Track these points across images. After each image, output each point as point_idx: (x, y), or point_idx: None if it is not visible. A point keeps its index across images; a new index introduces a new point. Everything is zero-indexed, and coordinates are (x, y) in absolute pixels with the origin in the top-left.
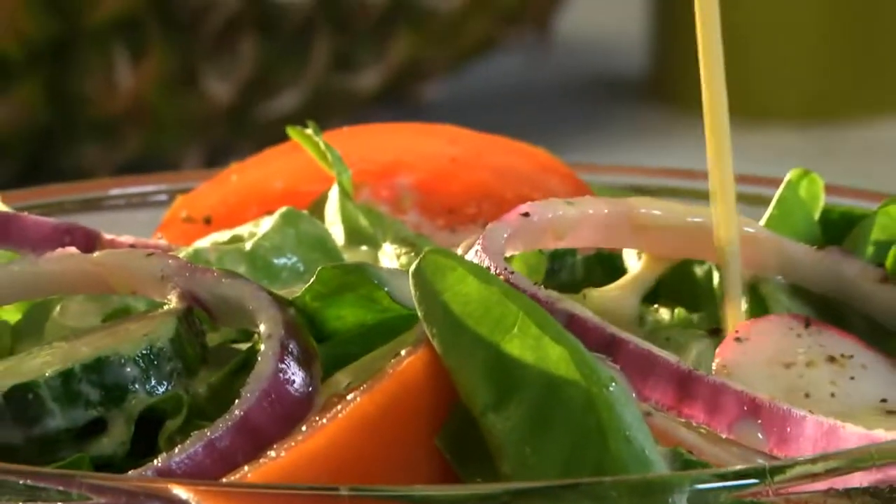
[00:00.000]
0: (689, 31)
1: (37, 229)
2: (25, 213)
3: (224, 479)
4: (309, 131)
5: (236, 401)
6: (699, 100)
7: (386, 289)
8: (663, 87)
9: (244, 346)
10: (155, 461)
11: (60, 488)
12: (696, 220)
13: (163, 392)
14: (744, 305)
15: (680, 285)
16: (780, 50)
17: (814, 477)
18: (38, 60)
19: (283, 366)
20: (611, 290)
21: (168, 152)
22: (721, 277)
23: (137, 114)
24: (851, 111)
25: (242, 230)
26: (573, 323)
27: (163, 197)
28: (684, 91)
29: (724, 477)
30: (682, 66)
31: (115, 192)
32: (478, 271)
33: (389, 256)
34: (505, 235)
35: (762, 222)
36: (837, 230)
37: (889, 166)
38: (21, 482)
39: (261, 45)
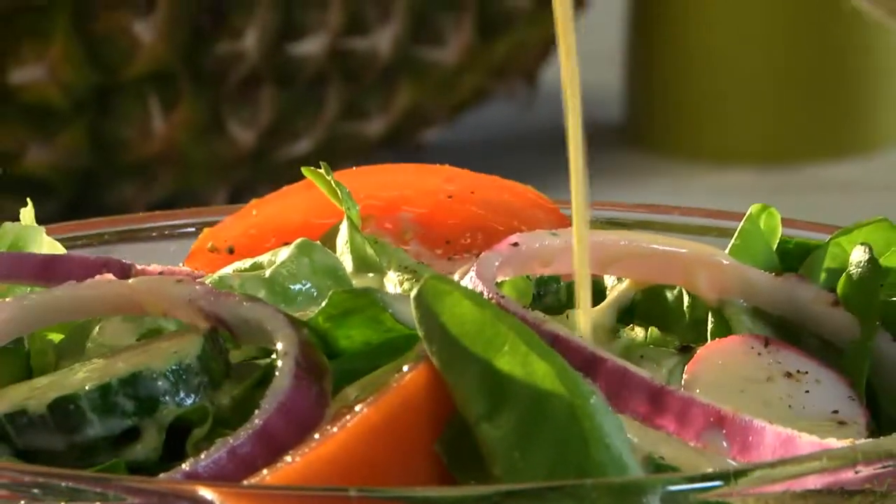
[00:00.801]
0: (659, 84)
1: (78, 265)
2: (68, 253)
3: (245, 482)
4: (322, 171)
5: (256, 411)
6: (669, 145)
7: (390, 311)
8: (637, 133)
9: (263, 363)
10: (183, 465)
11: (98, 490)
12: (665, 249)
13: (190, 403)
14: (710, 326)
15: (652, 308)
16: (741, 102)
17: (773, 480)
18: (80, 109)
19: (298, 380)
20: (590, 313)
21: (196, 190)
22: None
23: (169, 156)
24: (803, 154)
25: (262, 259)
26: (558, 342)
27: (191, 229)
28: (655, 137)
29: (692, 480)
30: (654, 115)
31: (148, 225)
32: (472, 295)
33: (393, 282)
34: (496, 263)
35: (727, 251)
36: (793, 259)
37: (837, 202)
38: (63, 484)
39: (279, 95)
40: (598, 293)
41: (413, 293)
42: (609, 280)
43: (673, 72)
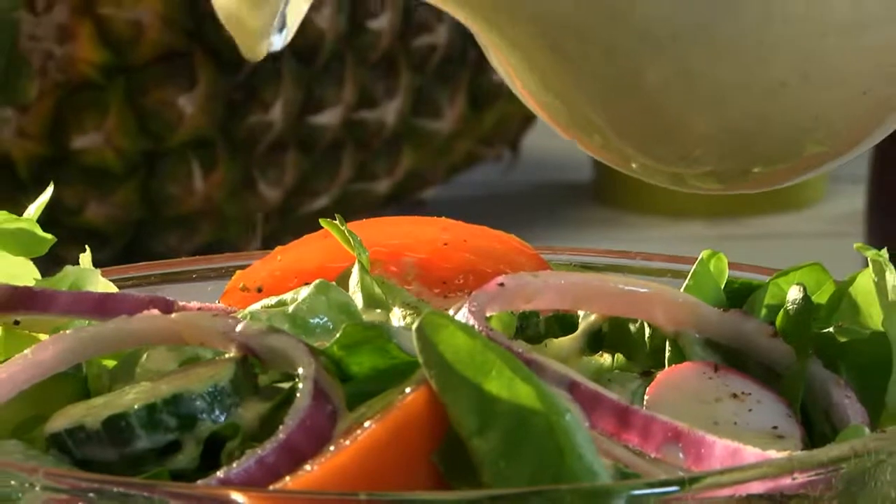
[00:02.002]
0: None
1: (128, 302)
2: (120, 292)
3: (270, 487)
4: (337, 222)
5: (280, 427)
6: (631, 202)
7: (395, 341)
8: (604, 192)
9: (286, 385)
10: (218, 473)
11: (145, 494)
12: (629, 288)
13: (224, 420)
14: (667, 354)
15: (618, 338)
16: None
17: (722, 486)
18: (132, 170)
19: (316, 400)
20: (565, 342)
21: (231, 239)
22: None
23: (208, 211)
24: (744, 209)
25: (286, 297)
26: (538, 367)
27: (225, 272)
28: (620, 195)
29: (652, 485)
30: (618, 177)
31: (189, 268)
32: (465, 328)
33: (398, 317)
34: (485, 301)
35: (681, 290)
36: (739, 297)
37: (775, 249)
38: (115, 489)
39: (301, 159)
40: (571, 325)
41: (414, 326)
42: (581, 314)
43: None
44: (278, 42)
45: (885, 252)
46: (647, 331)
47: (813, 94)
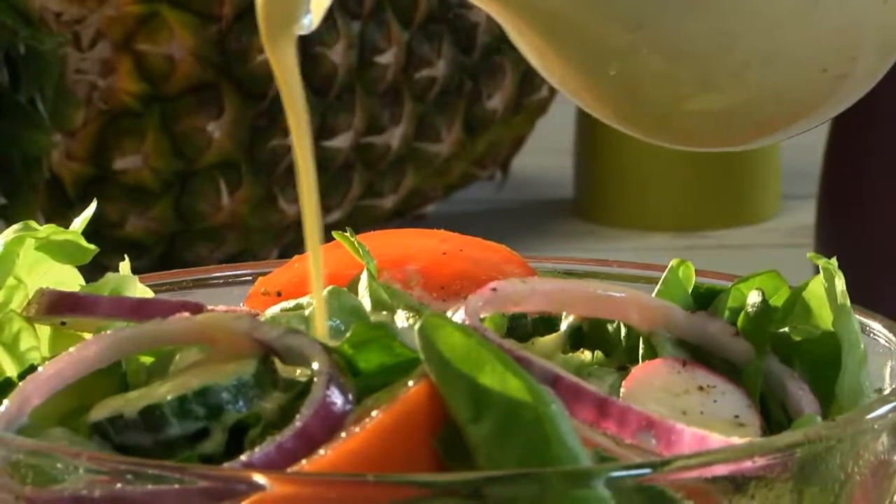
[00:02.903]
0: (599, 170)
1: (163, 306)
2: (155, 296)
3: (288, 470)
4: (348, 234)
5: (297, 416)
6: (608, 216)
7: (399, 340)
8: (584, 208)
9: (303, 379)
10: (241, 457)
11: (177, 476)
12: (607, 293)
13: (247, 410)
14: (641, 351)
15: (597, 336)
16: (660, 184)
17: (690, 468)
18: (167, 188)
19: (329, 392)
20: (550, 340)
21: (254, 249)
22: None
23: (234, 224)
24: (708, 223)
25: (302, 301)
26: (526, 363)
27: (248, 278)
28: (598, 211)
29: (628, 468)
30: (596, 194)
31: (216, 275)
32: (461, 328)
33: (402, 319)
34: (479, 304)
35: (653, 295)
36: (704, 300)
37: (735, 258)
38: (150, 472)
39: (316, 178)
40: (555, 325)
41: (416, 326)
42: (563, 315)
43: (610, 161)
44: (305, 27)
45: (834, 261)
46: (623, 330)
47: (774, 75)
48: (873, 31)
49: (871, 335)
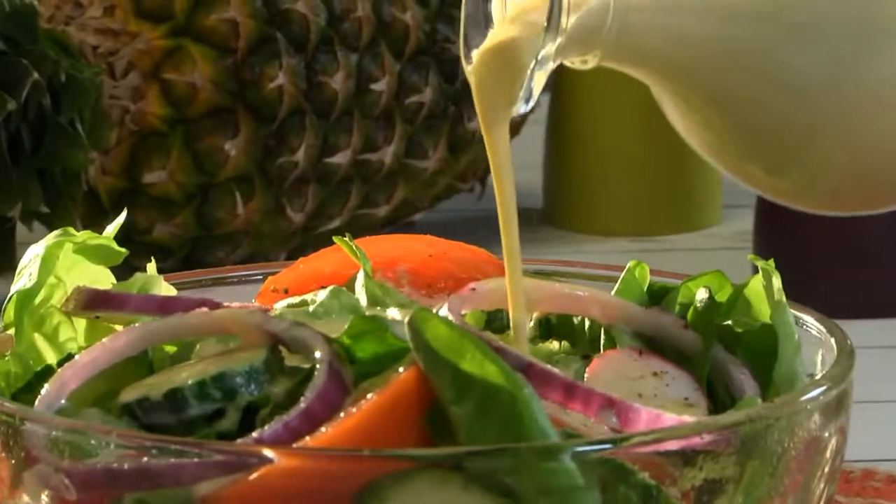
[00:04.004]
0: (566, 182)
1: (185, 302)
2: (179, 294)
3: (294, 445)
4: (346, 239)
5: (302, 398)
6: (573, 223)
7: (391, 332)
8: (552, 215)
9: (307, 366)
10: (253, 434)
11: (196, 450)
12: (571, 291)
13: (258, 393)
14: (602, 341)
15: (564, 328)
16: (619, 194)
17: (646, 443)
18: (190, 199)
19: (330, 378)
20: None
21: (265, 252)
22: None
23: (248, 231)
24: (661, 229)
25: (307, 297)
26: (502, 352)
27: (260, 277)
28: (564, 218)
29: (592, 443)
30: (563, 203)
31: (232, 275)
32: (446, 321)
33: (393, 313)
34: (461, 301)
35: (612, 293)
36: (657, 297)
37: (684, 260)
38: (172, 447)
39: (320, 191)
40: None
41: (406, 320)
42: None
43: (574, 175)
44: (524, 107)
45: (771, 262)
46: (587, 323)
47: None
48: None
49: (804, 327)
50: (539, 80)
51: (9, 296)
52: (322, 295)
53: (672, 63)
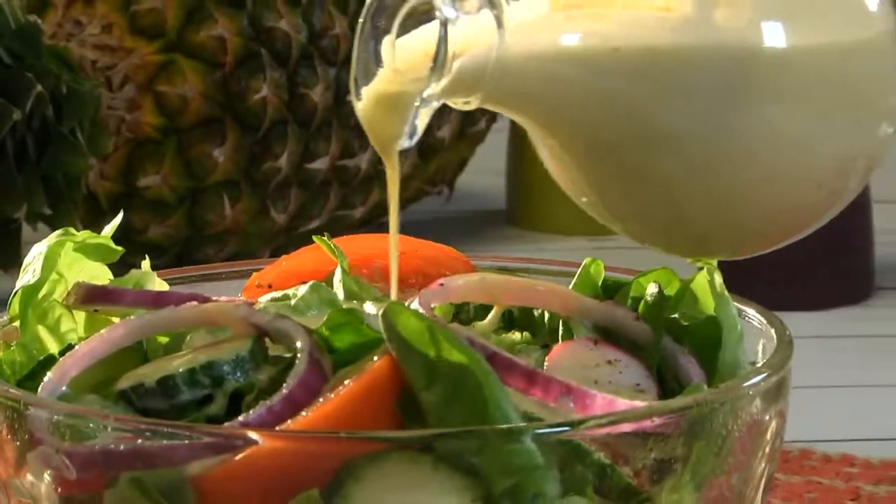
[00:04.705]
0: (526, 186)
1: (177, 297)
2: (171, 289)
3: (276, 428)
4: (325, 238)
5: (284, 384)
6: (534, 223)
7: (367, 323)
8: (514, 217)
9: (289, 355)
10: (239, 418)
11: (187, 433)
12: (532, 286)
13: (244, 380)
14: (561, 332)
15: (525, 320)
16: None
17: (601, 426)
18: (181, 202)
19: (310, 366)
20: (487, 323)
21: (251, 251)
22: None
23: (235, 231)
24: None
25: (289, 292)
26: (469, 342)
27: (245, 274)
28: (525, 219)
29: (551, 426)
30: (524, 205)
31: (220, 271)
32: (416, 314)
33: (369, 306)
34: (431, 295)
35: (570, 287)
36: (611, 291)
37: (635, 257)
38: (165, 430)
39: (301, 194)
40: (489, 310)
41: (380, 313)
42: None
43: (534, 179)
44: (407, 143)
45: (714, 260)
46: (546, 316)
47: (779, 190)
48: (862, 156)
49: (746, 319)
50: (423, 118)
51: (14, 290)
52: (303, 290)
53: (547, 108)
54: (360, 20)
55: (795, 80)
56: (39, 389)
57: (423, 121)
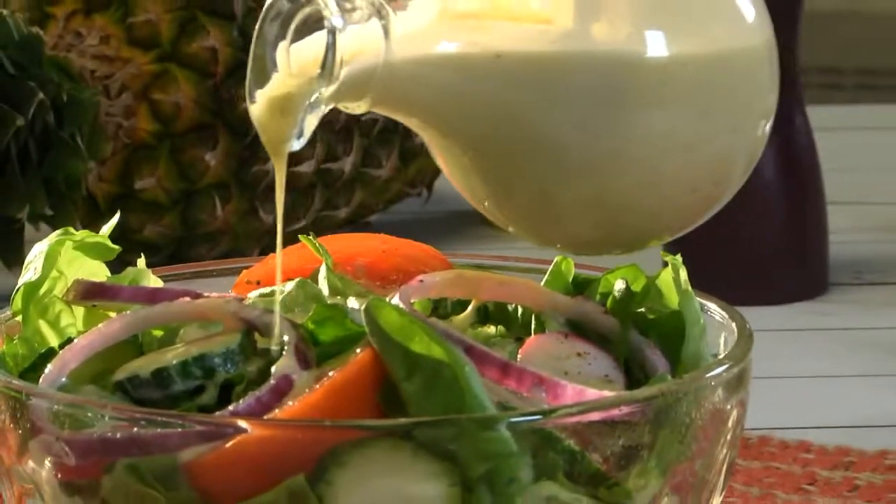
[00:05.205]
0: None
1: (170, 293)
2: (165, 286)
3: (265, 417)
4: (311, 238)
5: (272, 376)
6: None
7: (350, 318)
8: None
9: (276, 348)
10: (229, 407)
11: (180, 422)
12: (506, 282)
13: (234, 371)
14: (533, 325)
15: (500, 315)
16: None
17: (571, 415)
18: (175, 203)
19: (297, 358)
20: (464, 317)
21: (241, 249)
22: None
23: (225, 230)
24: None
25: (276, 288)
26: (446, 335)
27: (236, 271)
28: None
29: (525, 415)
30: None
31: (211, 268)
32: (397, 309)
33: (352, 302)
34: (410, 291)
35: (542, 283)
36: (581, 287)
37: (602, 256)
38: (159, 419)
39: (287, 195)
40: (467, 306)
41: (363, 308)
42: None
43: None
44: (297, 145)
45: (679, 257)
46: (520, 310)
47: (657, 193)
48: (740, 156)
49: (709, 313)
50: (311, 122)
51: (17, 287)
52: (290, 286)
53: (431, 113)
54: (257, 25)
55: (675, 89)
56: (40, 380)
57: (311, 123)
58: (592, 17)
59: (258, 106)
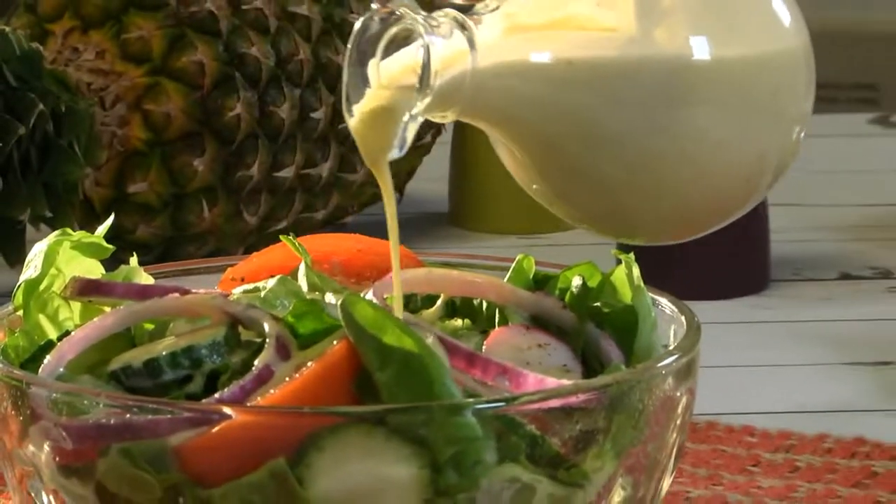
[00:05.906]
0: (466, 190)
1: (161, 289)
2: (155, 283)
3: (248, 404)
4: (291, 238)
5: (254, 366)
6: (473, 223)
7: (327, 312)
8: (456, 218)
9: (258, 340)
10: (215, 395)
11: (169, 408)
12: (472, 279)
13: (219, 362)
14: (497, 319)
15: (466, 309)
16: (508, 201)
17: (533, 402)
18: (165, 206)
19: (277, 350)
20: (433, 311)
21: (227, 249)
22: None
23: (212, 231)
24: (543, 228)
25: (259, 285)
26: (416, 327)
27: (221, 269)
28: (465, 219)
29: (489, 402)
30: (464, 207)
31: (199, 266)
32: (371, 304)
33: (329, 297)
34: (383, 287)
35: (505, 280)
36: (541, 283)
37: (562, 253)
38: (150, 406)
39: (270, 199)
40: (436, 301)
41: (339, 303)
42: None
43: (474, 184)
44: (397, 154)
45: (631, 255)
46: (485, 305)
47: (707, 184)
48: (777, 154)
49: (660, 307)
50: (411, 131)
51: (18, 284)
52: (272, 283)
53: (511, 116)
54: (348, 46)
55: (722, 89)
56: (40, 370)
57: (410, 134)
58: (653, 24)
59: (356, 120)
